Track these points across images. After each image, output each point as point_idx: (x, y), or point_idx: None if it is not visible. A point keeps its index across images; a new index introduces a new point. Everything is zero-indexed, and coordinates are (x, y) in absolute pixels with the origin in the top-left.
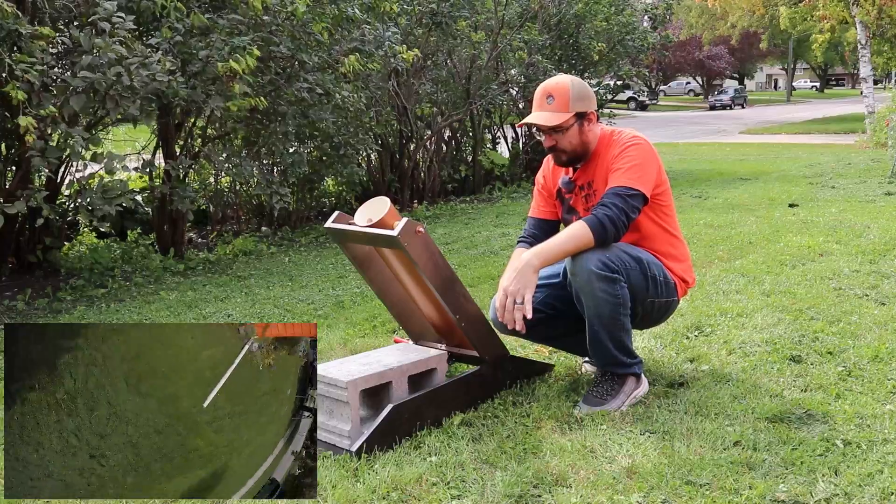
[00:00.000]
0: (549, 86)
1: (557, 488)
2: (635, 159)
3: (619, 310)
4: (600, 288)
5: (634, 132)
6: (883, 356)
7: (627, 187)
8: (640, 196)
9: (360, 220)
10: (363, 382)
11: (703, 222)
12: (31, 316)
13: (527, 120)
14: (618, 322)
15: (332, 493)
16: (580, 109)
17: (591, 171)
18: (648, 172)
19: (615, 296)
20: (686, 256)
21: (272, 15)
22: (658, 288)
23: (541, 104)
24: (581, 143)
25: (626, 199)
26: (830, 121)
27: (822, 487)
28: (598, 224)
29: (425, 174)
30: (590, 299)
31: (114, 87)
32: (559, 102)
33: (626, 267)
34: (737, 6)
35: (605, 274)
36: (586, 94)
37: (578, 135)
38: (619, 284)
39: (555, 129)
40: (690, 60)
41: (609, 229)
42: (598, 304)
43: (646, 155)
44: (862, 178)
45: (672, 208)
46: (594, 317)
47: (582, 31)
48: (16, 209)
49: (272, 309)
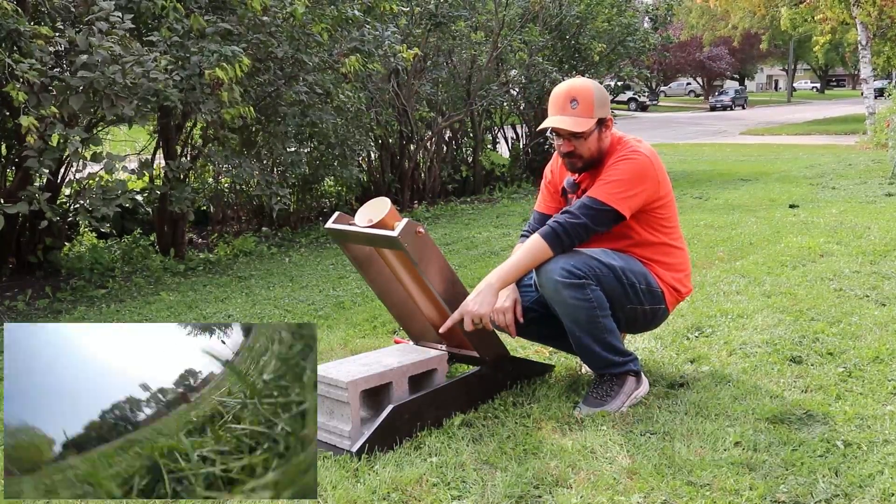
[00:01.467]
0: (574, 88)
1: (558, 489)
2: (622, 174)
3: (595, 312)
4: (570, 295)
5: (638, 145)
6: (883, 357)
7: (600, 202)
8: (612, 212)
9: (360, 220)
10: (363, 383)
11: (703, 223)
12: (31, 316)
13: (550, 124)
14: (598, 324)
15: (333, 494)
16: (602, 115)
17: (596, 175)
18: (632, 189)
19: (587, 300)
20: (683, 266)
21: (271, 16)
22: (640, 295)
23: (563, 107)
24: (598, 150)
25: (593, 212)
26: (831, 122)
27: (823, 488)
28: (552, 234)
29: (425, 175)
30: (562, 308)
31: (110, 87)
32: (583, 107)
33: (597, 273)
34: (738, 7)
35: (571, 281)
36: (606, 100)
37: (597, 141)
38: (588, 289)
39: (576, 136)
40: (691, 61)
41: (564, 239)
42: (572, 311)
43: (636, 171)
44: (862, 178)
45: (674, 220)
46: (572, 324)
47: (583, 32)
48: (17, 210)
49: (272, 309)
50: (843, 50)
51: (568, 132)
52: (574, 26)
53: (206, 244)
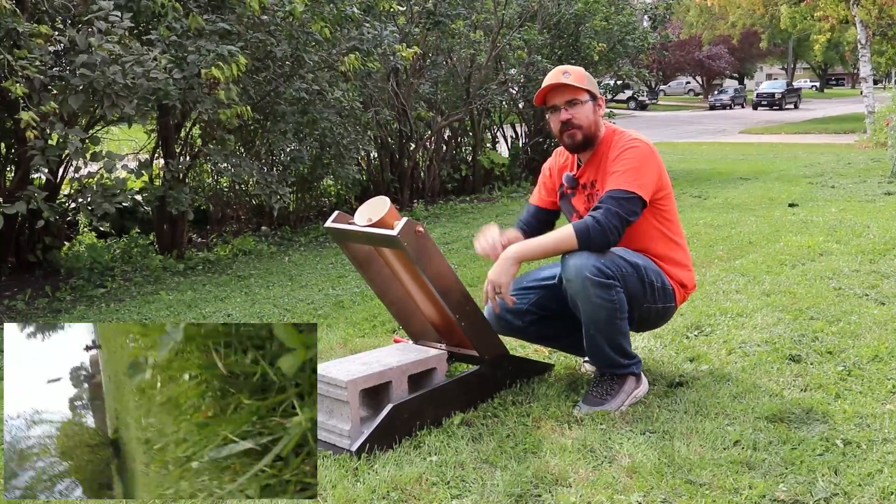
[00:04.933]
0: (566, 67)
1: (557, 488)
2: (633, 161)
3: (615, 314)
4: (596, 294)
5: (635, 134)
6: (882, 356)
7: (624, 190)
8: (638, 199)
9: (359, 219)
10: (363, 382)
11: (702, 222)
12: (30, 316)
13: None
14: (615, 327)
15: (332, 493)
16: (593, 90)
17: (594, 169)
18: (647, 175)
19: (611, 301)
20: (687, 262)
21: (270, 14)
22: (655, 293)
23: (556, 77)
24: (594, 123)
25: (621, 203)
26: (830, 120)
27: (822, 487)
28: (584, 230)
29: (425, 174)
30: (586, 305)
31: (110, 87)
32: (576, 77)
33: (623, 273)
34: (736, 5)
35: (601, 280)
36: (595, 83)
37: (592, 114)
38: (614, 290)
39: (572, 102)
40: (690, 60)
41: (594, 235)
42: (594, 309)
43: (644, 157)
44: (862, 177)
45: (674, 213)
46: (590, 322)
47: (582, 31)
48: (16, 209)
49: (272, 309)
50: (842, 48)
51: (563, 86)
52: (573, 25)
53: (206, 243)
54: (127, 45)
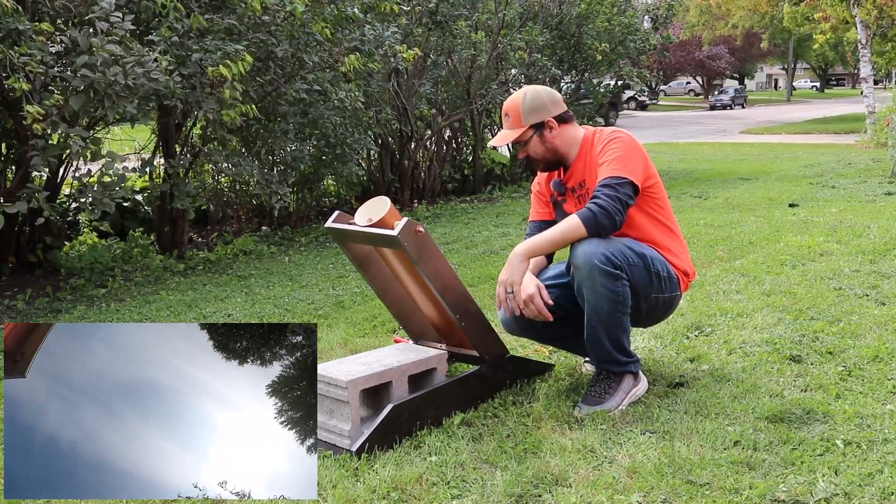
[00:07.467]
0: (507, 105)
1: (557, 488)
2: (619, 151)
3: (618, 307)
4: (601, 283)
5: (614, 128)
6: (883, 356)
7: (616, 177)
8: (630, 184)
9: (360, 219)
10: (363, 382)
11: (703, 222)
12: (31, 316)
13: (491, 143)
14: (616, 320)
15: (332, 493)
16: (535, 121)
17: (580, 171)
18: (635, 162)
19: (615, 293)
20: (684, 249)
21: (271, 15)
22: (662, 283)
23: (503, 124)
24: (548, 150)
25: (615, 188)
26: (831, 121)
27: (823, 487)
28: (590, 215)
29: (425, 174)
30: (590, 293)
31: (111, 87)
32: (513, 119)
33: (630, 263)
34: (738, 5)
35: (608, 269)
36: (540, 105)
37: (541, 144)
38: (620, 281)
39: (517, 144)
40: (690, 60)
41: (601, 219)
42: (598, 299)
43: (629, 146)
44: (862, 177)
45: (665, 201)
46: (593, 312)
47: (584, 32)
48: (16, 209)
49: (272, 309)
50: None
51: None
52: (574, 26)
53: (206, 243)
54: (128, 45)
